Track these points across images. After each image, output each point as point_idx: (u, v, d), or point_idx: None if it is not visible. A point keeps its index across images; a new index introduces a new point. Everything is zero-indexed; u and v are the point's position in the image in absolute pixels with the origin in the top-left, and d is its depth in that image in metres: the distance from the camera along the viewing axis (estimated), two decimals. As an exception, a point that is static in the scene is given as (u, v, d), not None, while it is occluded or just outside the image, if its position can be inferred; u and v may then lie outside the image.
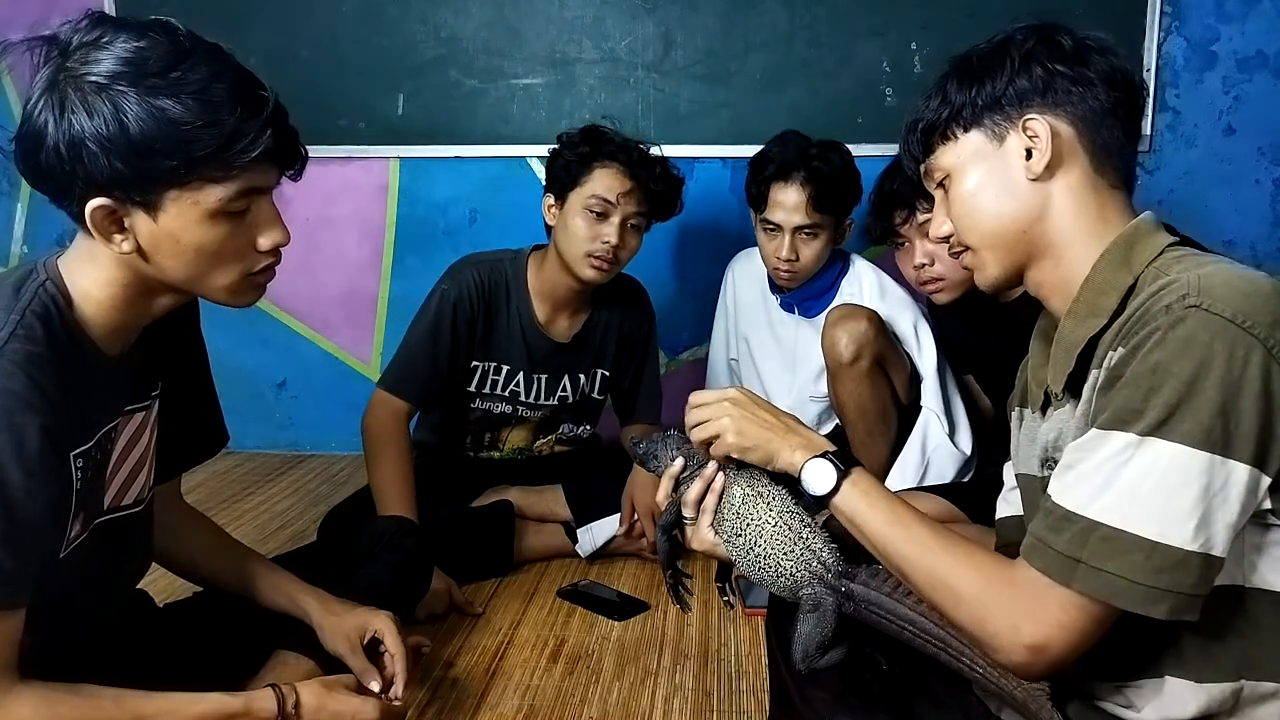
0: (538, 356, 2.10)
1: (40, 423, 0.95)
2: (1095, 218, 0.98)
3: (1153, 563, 0.82)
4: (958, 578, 0.94)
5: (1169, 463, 0.82)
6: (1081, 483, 0.87)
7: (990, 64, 1.01)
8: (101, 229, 1.00)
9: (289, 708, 1.12)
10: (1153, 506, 0.83)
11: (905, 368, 2.11)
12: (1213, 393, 0.81)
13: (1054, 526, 0.88)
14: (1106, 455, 0.85)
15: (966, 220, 1.03)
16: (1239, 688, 0.89)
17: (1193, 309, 0.83)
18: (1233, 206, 2.63)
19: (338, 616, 1.36)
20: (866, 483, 1.05)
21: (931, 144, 1.05)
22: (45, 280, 1.03)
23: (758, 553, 1.13)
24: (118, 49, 0.96)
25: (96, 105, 0.95)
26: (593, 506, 2.08)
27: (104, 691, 1.01)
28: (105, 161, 0.95)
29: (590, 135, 1.98)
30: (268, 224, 1.08)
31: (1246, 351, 0.81)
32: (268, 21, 2.67)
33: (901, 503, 1.03)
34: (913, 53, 2.57)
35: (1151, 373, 0.83)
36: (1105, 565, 0.84)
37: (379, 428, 1.95)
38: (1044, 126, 0.97)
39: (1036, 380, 1.06)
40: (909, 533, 0.99)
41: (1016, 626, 0.88)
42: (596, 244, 1.94)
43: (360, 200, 2.81)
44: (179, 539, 1.37)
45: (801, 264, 2.11)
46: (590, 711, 1.52)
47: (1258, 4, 2.52)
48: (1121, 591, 0.83)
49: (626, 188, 1.94)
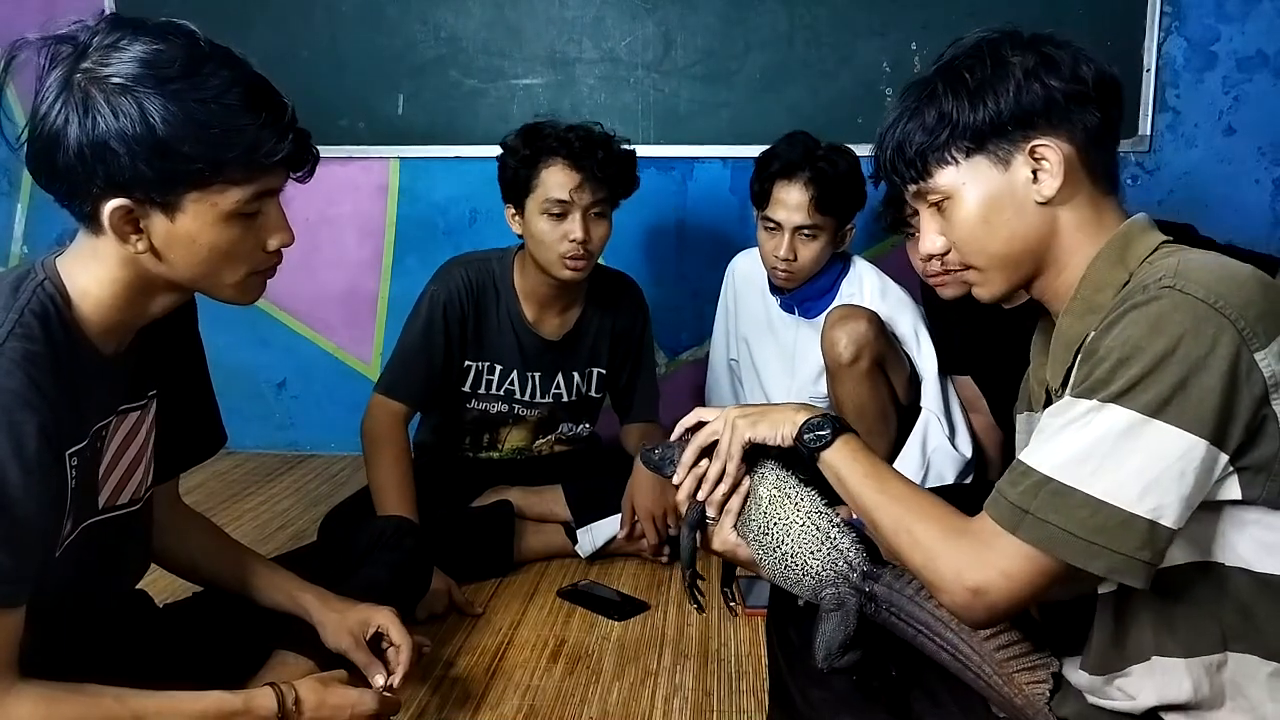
0: (530, 354, 2.09)
1: (38, 421, 0.95)
2: (1096, 226, 0.99)
3: (1096, 520, 0.85)
4: (918, 524, 0.98)
5: (1124, 428, 0.85)
6: (1044, 442, 0.91)
7: (990, 82, 0.97)
8: (118, 229, 1.00)
9: (289, 705, 1.12)
10: (1103, 468, 0.86)
11: (905, 369, 2.11)
12: (1177, 367, 0.84)
13: (1012, 480, 0.92)
14: (1070, 418, 0.89)
15: (973, 244, 1.02)
16: (1224, 659, 0.91)
17: (1168, 289, 0.86)
18: (1233, 206, 2.63)
19: (339, 613, 1.36)
20: (857, 443, 1.11)
21: (928, 169, 1.02)
22: (44, 279, 1.03)
23: (784, 551, 1.14)
24: (137, 51, 0.97)
25: (122, 106, 0.95)
26: (592, 507, 2.07)
27: (104, 690, 1.01)
28: (129, 162, 0.96)
29: (528, 136, 1.94)
30: (276, 226, 1.10)
31: (1216, 330, 0.84)
32: (268, 22, 2.67)
33: (886, 466, 1.10)
34: (913, 53, 2.57)
35: (1123, 346, 0.86)
36: (1050, 517, 0.87)
37: (378, 430, 1.95)
38: (1055, 153, 0.96)
39: (1037, 380, 1.08)
40: (885, 486, 1.05)
41: (959, 569, 0.92)
42: (564, 244, 1.92)
43: (360, 200, 2.81)
44: (179, 539, 1.37)
45: (799, 264, 2.11)
46: (590, 711, 1.52)
47: (1258, 4, 2.52)
48: (1062, 543, 0.87)
49: (576, 181, 1.90)
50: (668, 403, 2.33)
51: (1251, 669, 0.90)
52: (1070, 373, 0.97)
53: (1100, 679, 0.97)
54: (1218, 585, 0.90)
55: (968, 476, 2.05)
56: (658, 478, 1.98)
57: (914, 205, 1.09)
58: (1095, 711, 0.99)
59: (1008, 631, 1.03)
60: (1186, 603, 0.91)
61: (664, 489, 2.01)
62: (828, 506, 1.17)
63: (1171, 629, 0.92)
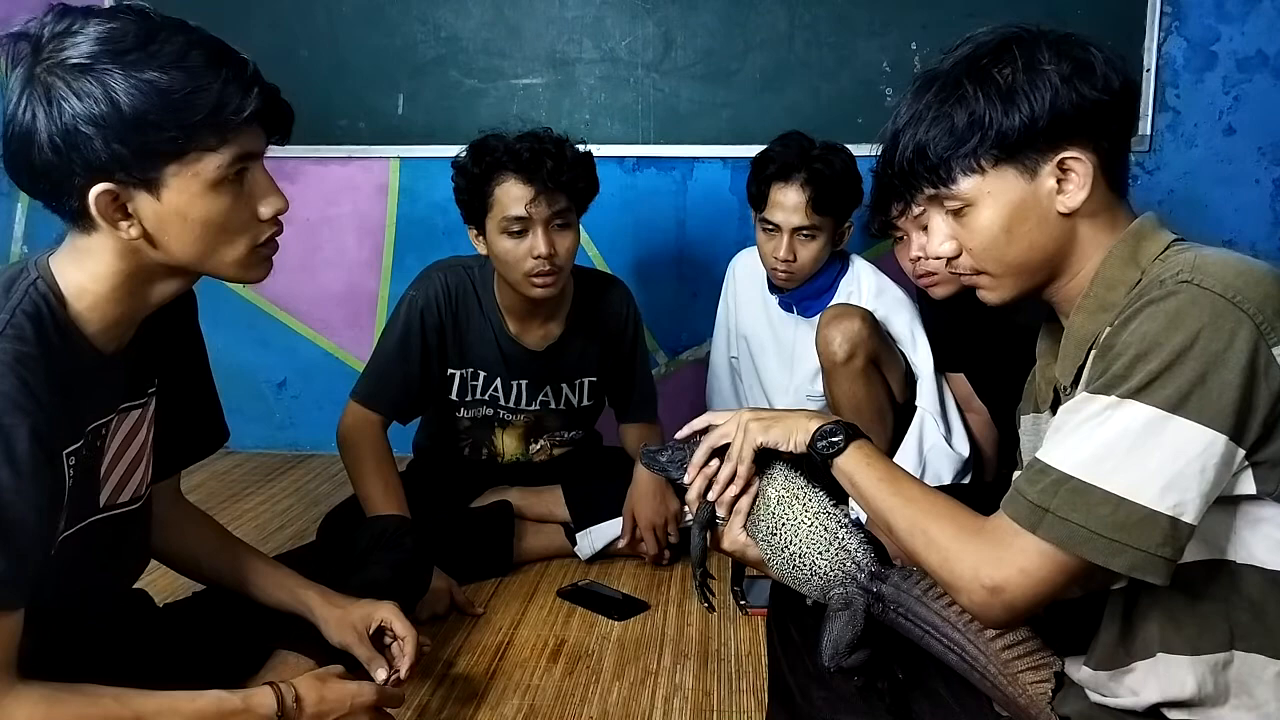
0: (513, 363, 2.04)
1: (30, 424, 0.95)
2: (1110, 232, 0.99)
3: (1117, 517, 0.85)
4: (934, 525, 0.98)
5: (1143, 424, 0.85)
6: (1062, 440, 0.90)
7: (1024, 87, 0.94)
8: (107, 216, 1.00)
9: (288, 704, 1.12)
10: (1123, 465, 0.85)
11: (900, 367, 2.11)
12: (1196, 362, 0.83)
13: (1030, 479, 0.91)
14: (1087, 415, 0.88)
15: (990, 252, 1.00)
16: (1230, 658, 0.90)
17: (1185, 284, 0.86)
18: (1233, 206, 2.63)
19: (342, 609, 1.37)
20: (870, 449, 1.11)
21: (952, 175, 0.98)
22: (36, 279, 1.02)
23: (792, 551, 1.14)
24: (91, 32, 0.97)
25: (84, 87, 0.95)
26: (592, 508, 2.07)
27: (104, 690, 1.01)
28: (102, 143, 0.96)
29: (477, 153, 1.86)
30: (265, 191, 1.09)
31: (1235, 325, 0.83)
32: (268, 21, 2.67)
33: (900, 469, 1.10)
34: (913, 53, 2.56)
35: (1141, 341, 0.86)
36: (1071, 515, 0.87)
37: (355, 436, 1.91)
38: (1084, 165, 0.95)
39: (1045, 379, 1.07)
40: (899, 489, 1.05)
41: (977, 568, 0.92)
42: (529, 261, 1.84)
43: (360, 200, 2.81)
44: (180, 536, 1.37)
45: (799, 265, 2.11)
46: (590, 711, 1.52)
47: (1258, 4, 2.52)
48: (1084, 541, 0.86)
49: (530, 194, 1.81)
50: (668, 403, 2.32)
51: (1258, 668, 0.90)
52: (1082, 370, 0.96)
53: (1105, 674, 0.97)
54: (1228, 583, 0.90)
55: (965, 476, 2.05)
56: (659, 487, 2.01)
57: (924, 208, 1.06)
58: (1098, 709, 0.98)
59: (1013, 631, 1.03)
60: (1196, 600, 0.91)
61: (665, 498, 2.01)
62: (835, 507, 1.17)
63: (1179, 626, 0.91)
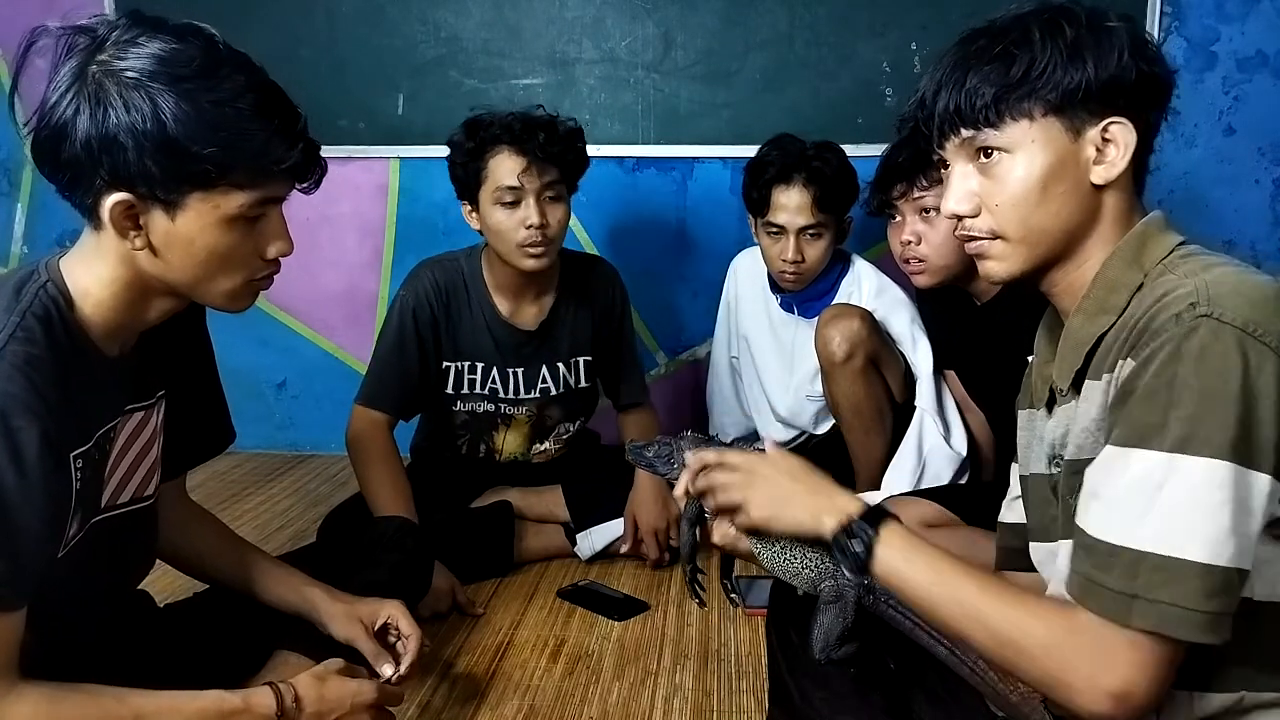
0: (507, 350, 2.06)
1: (39, 426, 0.95)
2: (1125, 224, 0.96)
3: (1206, 586, 0.79)
4: (1021, 634, 0.88)
5: (1202, 480, 0.80)
6: (1116, 511, 0.84)
7: (1090, 43, 0.91)
8: (118, 224, 1.00)
9: (288, 703, 1.12)
10: (1196, 528, 0.80)
11: (900, 367, 2.11)
12: (1232, 404, 0.80)
13: (1101, 564, 0.84)
14: (1136, 478, 0.82)
15: (1014, 210, 0.95)
16: (1239, 698, 0.88)
17: (1204, 318, 0.82)
18: (1233, 206, 2.63)
19: (348, 604, 1.37)
20: (899, 539, 0.98)
21: (1000, 116, 0.93)
22: (46, 281, 1.03)
23: (782, 544, 1.14)
24: (154, 48, 0.97)
25: (135, 100, 0.95)
26: (592, 508, 2.07)
27: (105, 690, 1.01)
28: (135, 157, 0.96)
29: (471, 129, 1.92)
30: (277, 235, 1.09)
31: (1259, 360, 0.80)
32: (268, 21, 2.67)
33: (940, 554, 0.96)
34: (913, 53, 2.56)
35: (1168, 386, 0.81)
36: (1160, 596, 0.80)
37: (364, 440, 1.94)
38: (1129, 135, 0.92)
39: (1041, 377, 1.05)
40: (958, 593, 0.93)
41: (1093, 676, 0.83)
42: (521, 232, 1.88)
43: (360, 200, 2.81)
44: (185, 535, 1.37)
45: (807, 265, 2.11)
46: (590, 711, 1.52)
47: (1258, 4, 2.52)
48: (1180, 621, 0.80)
49: (523, 165, 1.87)
50: (668, 403, 2.32)
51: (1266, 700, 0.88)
52: (1081, 376, 0.94)
53: None
54: (1245, 622, 0.84)
55: (963, 475, 2.05)
56: (661, 491, 2.01)
57: (948, 160, 1.00)
58: None
59: None
60: None
61: (666, 503, 2.01)
62: None
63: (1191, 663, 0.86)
